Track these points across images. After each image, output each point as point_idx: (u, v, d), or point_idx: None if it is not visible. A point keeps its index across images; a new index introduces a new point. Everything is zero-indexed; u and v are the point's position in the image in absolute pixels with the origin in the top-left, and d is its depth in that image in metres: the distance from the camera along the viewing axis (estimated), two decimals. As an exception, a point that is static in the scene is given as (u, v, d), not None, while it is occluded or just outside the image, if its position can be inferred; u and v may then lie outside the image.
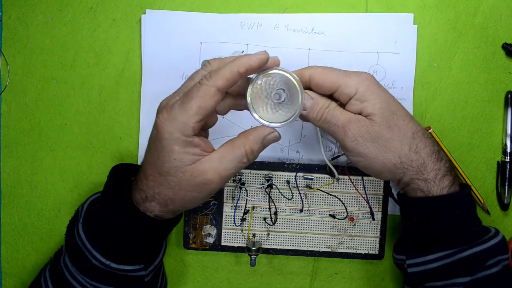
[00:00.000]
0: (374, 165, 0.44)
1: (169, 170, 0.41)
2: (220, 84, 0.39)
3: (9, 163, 0.56)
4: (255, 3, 0.55)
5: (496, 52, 0.55)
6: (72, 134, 0.56)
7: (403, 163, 0.44)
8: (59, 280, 0.47)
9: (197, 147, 0.41)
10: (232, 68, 0.40)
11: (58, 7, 0.55)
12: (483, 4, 0.55)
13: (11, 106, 0.56)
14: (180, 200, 0.42)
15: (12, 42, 0.55)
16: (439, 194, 0.44)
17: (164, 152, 0.40)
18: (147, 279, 0.47)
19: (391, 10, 0.55)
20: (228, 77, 0.40)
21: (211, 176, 0.41)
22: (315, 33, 0.55)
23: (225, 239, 0.54)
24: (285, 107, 0.43)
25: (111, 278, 0.45)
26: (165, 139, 0.40)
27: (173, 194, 0.42)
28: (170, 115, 0.40)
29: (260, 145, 0.43)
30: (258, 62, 0.40)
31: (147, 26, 0.55)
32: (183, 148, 0.40)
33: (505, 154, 0.54)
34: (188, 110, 0.39)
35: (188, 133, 0.40)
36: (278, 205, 0.54)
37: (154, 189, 0.42)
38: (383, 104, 0.43)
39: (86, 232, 0.46)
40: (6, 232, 0.56)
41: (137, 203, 0.44)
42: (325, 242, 0.54)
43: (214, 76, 0.40)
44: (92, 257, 0.45)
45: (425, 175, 0.44)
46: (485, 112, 0.55)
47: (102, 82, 0.56)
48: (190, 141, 0.40)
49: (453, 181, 0.45)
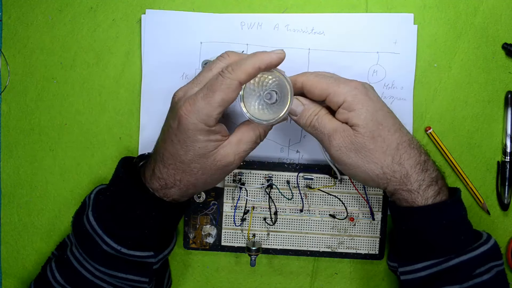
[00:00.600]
0: (358, 174, 0.45)
1: (193, 158, 0.43)
2: (243, 78, 0.41)
3: (9, 163, 0.56)
4: (255, 3, 0.55)
5: (496, 52, 0.55)
6: (72, 134, 0.56)
7: (386, 173, 0.44)
8: (66, 269, 0.48)
9: (218, 134, 0.43)
10: (254, 63, 0.41)
11: (58, 7, 0.55)
12: (483, 4, 0.55)
13: (11, 106, 0.56)
14: (202, 183, 0.45)
15: (12, 42, 0.55)
16: (424, 204, 0.44)
17: (188, 142, 0.42)
18: (155, 266, 0.48)
19: (391, 10, 0.55)
20: (250, 72, 0.41)
21: (232, 158, 0.44)
22: (315, 33, 0.55)
23: (225, 239, 0.54)
24: (273, 108, 0.45)
25: (122, 264, 0.46)
26: (190, 130, 0.42)
27: (196, 179, 0.44)
28: (194, 108, 0.41)
29: (270, 126, 0.46)
30: (277, 60, 0.42)
31: (147, 26, 0.55)
32: (207, 137, 0.42)
33: (505, 154, 0.54)
34: (212, 103, 0.41)
35: (211, 123, 0.42)
36: (278, 205, 0.54)
37: (175, 177, 0.44)
38: (368, 115, 0.44)
39: (97, 219, 0.47)
40: (6, 232, 0.56)
41: (155, 191, 0.45)
42: (325, 242, 0.54)
43: (237, 70, 0.41)
44: (103, 243, 0.46)
45: (408, 186, 0.44)
46: (485, 112, 0.55)
47: (102, 82, 0.56)
48: (213, 130, 0.43)
49: (439, 191, 0.45)
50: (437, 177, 0.45)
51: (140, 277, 0.47)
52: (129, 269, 0.47)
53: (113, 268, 0.46)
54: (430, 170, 0.45)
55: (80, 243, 0.47)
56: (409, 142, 0.45)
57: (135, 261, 0.47)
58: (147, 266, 0.47)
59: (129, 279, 0.47)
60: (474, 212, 0.55)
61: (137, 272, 0.47)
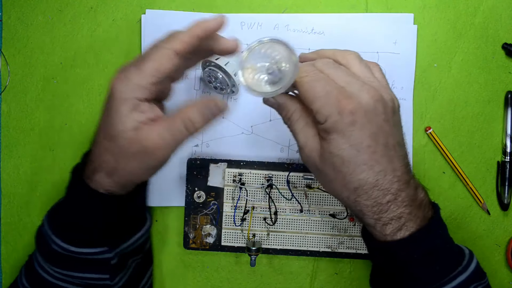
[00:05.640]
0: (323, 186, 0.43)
1: (113, 133, 0.39)
2: (178, 47, 0.39)
3: (9, 163, 0.56)
4: (255, 3, 0.55)
5: (496, 52, 0.55)
6: (72, 134, 0.56)
7: (341, 201, 0.41)
8: (31, 272, 0.46)
9: (143, 114, 0.39)
10: (190, 31, 0.39)
11: (58, 7, 0.55)
12: (483, 4, 0.55)
13: (11, 106, 0.56)
14: (122, 170, 0.40)
15: (12, 42, 0.55)
16: (383, 240, 0.40)
17: (111, 112, 0.39)
18: (113, 261, 0.45)
19: (391, 10, 0.55)
20: (185, 40, 0.39)
21: (148, 144, 0.39)
22: (315, 33, 0.55)
23: (225, 239, 0.54)
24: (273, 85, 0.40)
25: (74, 263, 0.44)
26: (115, 99, 0.38)
27: (116, 161, 0.40)
28: (124, 76, 0.39)
29: (200, 116, 0.40)
30: (215, 26, 0.40)
31: (147, 26, 0.55)
32: (129, 111, 0.38)
33: (505, 154, 0.54)
34: (143, 70, 0.38)
35: (140, 95, 0.38)
36: (278, 205, 0.54)
37: (101, 157, 0.40)
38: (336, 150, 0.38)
39: (48, 217, 0.45)
40: (6, 232, 0.56)
41: (88, 178, 0.42)
42: (325, 242, 0.54)
43: (172, 40, 0.39)
44: (52, 242, 0.43)
45: (364, 220, 0.41)
46: (485, 112, 0.55)
47: (102, 82, 0.56)
48: (138, 105, 0.39)
49: (400, 227, 0.39)
50: (401, 213, 0.39)
51: (99, 275, 0.45)
52: (85, 268, 0.44)
53: (68, 268, 0.44)
54: (393, 209, 0.39)
55: (38, 244, 0.46)
56: (374, 184, 0.39)
57: (89, 259, 0.44)
58: (104, 262, 0.44)
59: (88, 277, 0.44)
60: (474, 212, 0.55)
61: (94, 270, 0.44)
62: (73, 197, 0.44)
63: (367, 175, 0.39)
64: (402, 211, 0.39)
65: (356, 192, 0.39)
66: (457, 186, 0.55)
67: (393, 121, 0.40)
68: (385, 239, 0.40)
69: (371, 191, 0.39)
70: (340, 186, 0.40)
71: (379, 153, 0.39)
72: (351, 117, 0.38)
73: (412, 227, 0.40)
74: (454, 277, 0.40)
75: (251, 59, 0.40)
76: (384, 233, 0.40)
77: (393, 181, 0.39)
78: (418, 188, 0.41)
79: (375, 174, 0.39)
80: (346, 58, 0.42)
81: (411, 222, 0.40)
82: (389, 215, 0.39)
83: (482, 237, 0.55)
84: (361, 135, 0.38)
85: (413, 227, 0.40)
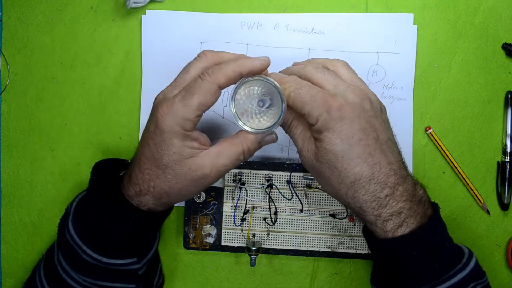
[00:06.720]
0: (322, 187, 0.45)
1: (168, 164, 0.41)
2: (222, 82, 0.40)
3: (9, 163, 0.56)
4: (255, 3, 0.55)
5: (496, 52, 0.55)
6: (72, 134, 0.56)
7: (341, 200, 0.43)
8: (54, 278, 0.47)
9: (196, 141, 0.41)
10: (235, 68, 0.40)
11: (58, 7, 0.55)
12: (483, 4, 0.55)
13: (11, 106, 0.56)
14: (176, 193, 0.43)
15: (12, 42, 0.55)
16: (384, 237, 0.41)
17: (163, 145, 0.41)
18: (140, 272, 0.47)
19: (391, 10, 0.55)
20: (230, 77, 0.40)
21: (208, 171, 0.42)
22: (315, 33, 0.55)
23: (225, 239, 0.54)
24: (269, 113, 0.43)
25: (104, 273, 0.45)
26: (165, 132, 0.40)
27: (169, 187, 0.42)
28: (170, 110, 0.40)
29: (257, 145, 0.44)
30: (260, 68, 0.41)
31: (147, 26, 0.55)
32: (182, 141, 0.41)
33: (505, 154, 0.54)
34: (190, 106, 0.40)
35: (188, 127, 0.40)
36: (278, 205, 0.54)
37: (150, 183, 0.42)
38: (329, 146, 0.40)
39: (76, 229, 0.45)
40: (6, 232, 0.56)
41: (130, 198, 0.44)
42: (325, 242, 0.54)
43: (217, 73, 0.40)
44: (83, 253, 0.44)
45: (365, 218, 0.42)
46: (485, 112, 0.55)
47: (102, 82, 0.56)
48: (189, 135, 0.41)
49: (401, 224, 0.41)
50: (401, 209, 0.41)
51: (126, 284, 0.46)
52: (114, 278, 0.45)
53: (98, 278, 0.45)
54: (388, 205, 0.41)
55: (64, 253, 0.46)
56: (370, 177, 0.40)
57: (119, 270, 0.45)
58: (132, 273, 0.46)
59: (116, 287, 0.46)
60: (474, 212, 0.55)
61: (123, 280, 0.46)
62: (113, 213, 0.44)
63: (362, 168, 0.40)
64: (402, 206, 0.41)
65: (354, 187, 0.41)
66: (457, 186, 0.55)
67: (381, 119, 0.42)
68: (386, 236, 0.41)
69: (368, 185, 0.40)
70: (338, 183, 0.41)
71: (372, 146, 0.41)
72: (339, 113, 0.40)
73: (413, 223, 0.41)
74: (453, 275, 0.41)
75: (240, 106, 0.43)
76: (385, 230, 0.41)
77: (389, 174, 0.41)
78: (416, 184, 0.43)
79: (370, 167, 0.40)
80: (334, 65, 0.45)
81: (411, 219, 0.41)
82: (388, 210, 0.41)
83: (482, 237, 0.55)
84: (351, 129, 0.40)
85: (413, 224, 0.41)
